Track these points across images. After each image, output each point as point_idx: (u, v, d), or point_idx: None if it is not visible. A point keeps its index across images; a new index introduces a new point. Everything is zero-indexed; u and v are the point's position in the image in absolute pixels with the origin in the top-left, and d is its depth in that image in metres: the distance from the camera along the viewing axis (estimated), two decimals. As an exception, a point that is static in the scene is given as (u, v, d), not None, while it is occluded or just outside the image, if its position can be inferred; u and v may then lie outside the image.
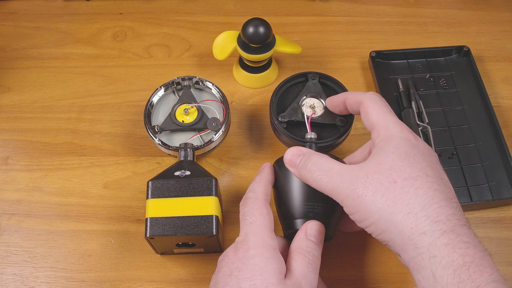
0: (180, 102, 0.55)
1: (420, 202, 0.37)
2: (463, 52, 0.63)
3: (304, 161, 0.43)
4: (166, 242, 0.47)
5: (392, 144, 0.40)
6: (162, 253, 0.50)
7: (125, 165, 0.57)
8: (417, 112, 0.58)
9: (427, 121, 0.57)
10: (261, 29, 0.55)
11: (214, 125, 0.53)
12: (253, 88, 0.62)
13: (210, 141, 0.52)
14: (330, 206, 0.44)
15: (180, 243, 0.47)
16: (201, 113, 0.54)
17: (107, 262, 0.50)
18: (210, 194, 0.46)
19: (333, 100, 0.49)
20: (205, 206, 0.46)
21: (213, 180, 0.47)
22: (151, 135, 0.52)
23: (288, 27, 0.68)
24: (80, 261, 0.51)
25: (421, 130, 0.56)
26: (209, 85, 0.56)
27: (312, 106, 0.52)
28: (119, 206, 0.54)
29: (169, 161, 0.57)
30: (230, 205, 0.54)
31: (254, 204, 0.43)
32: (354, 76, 0.64)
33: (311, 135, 0.49)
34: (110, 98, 0.62)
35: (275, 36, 0.59)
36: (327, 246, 0.50)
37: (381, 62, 0.63)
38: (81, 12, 0.70)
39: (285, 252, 0.42)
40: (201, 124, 0.54)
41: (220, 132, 0.52)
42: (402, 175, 0.38)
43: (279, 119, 0.51)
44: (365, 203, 0.38)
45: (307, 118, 0.51)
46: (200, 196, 0.46)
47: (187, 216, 0.45)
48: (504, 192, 0.53)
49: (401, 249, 0.37)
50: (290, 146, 0.52)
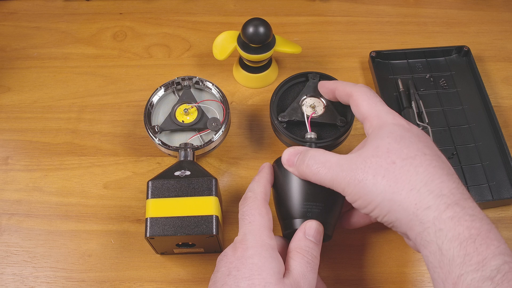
0: (180, 102, 0.55)
1: (422, 179, 0.37)
2: (463, 52, 0.63)
3: (301, 158, 0.43)
4: (166, 242, 0.47)
5: (386, 129, 0.40)
6: (162, 253, 0.50)
7: (125, 165, 0.57)
8: (417, 112, 0.58)
9: (427, 121, 0.57)
10: (261, 29, 0.55)
11: (214, 125, 0.53)
12: (253, 88, 0.62)
13: (210, 141, 0.52)
14: (328, 205, 0.44)
15: (180, 243, 0.47)
16: (201, 113, 0.54)
17: (107, 262, 0.50)
18: (210, 194, 0.46)
19: (324, 86, 0.50)
20: (205, 206, 0.46)
21: (213, 180, 0.47)
22: (151, 135, 0.52)
23: (288, 27, 0.68)
24: (80, 261, 0.51)
25: (420, 129, 0.56)
26: (209, 85, 0.56)
27: (313, 106, 0.52)
28: (119, 206, 0.54)
29: (169, 161, 0.57)
30: (230, 205, 0.54)
31: (253, 204, 0.43)
32: (354, 76, 0.64)
33: (311, 134, 0.49)
34: (110, 98, 0.62)
35: (275, 36, 0.59)
36: (327, 246, 0.50)
37: (381, 62, 0.63)
38: (81, 12, 0.70)
39: (284, 252, 0.42)
40: (201, 124, 0.54)
41: (220, 132, 0.52)
42: (400, 155, 0.38)
43: (279, 119, 0.51)
44: (366, 187, 0.38)
45: (307, 118, 0.51)
46: (200, 196, 0.46)
47: (187, 216, 0.45)
48: (504, 192, 0.53)
49: (407, 227, 0.37)
50: (290, 146, 0.52)
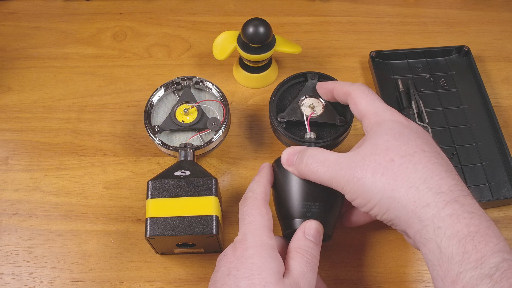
0: (180, 102, 0.55)
1: (421, 176, 0.37)
2: (463, 52, 0.63)
3: (300, 157, 0.43)
4: (166, 242, 0.47)
5: (384, 126, 0.40)
6: (162, 253, 0.50)
7: (125, 165, 0.57)
8: (417, 112, 0.58)
9: (427, 121, 0.57)
10: (261, 29, 0.55)
11: (214, 125, 0.53)
12: (253, 88, 0.62)
13: (210, 141, 0.52)
14: (328, 205, 0.44)
15: (180, 243, 0.47)
16: (201, 113, 0.54)
17: (107, 262, 0.50)
18: (210, 194, 0.46)
19: (322, 87, 0.49)
20: (205, 206, 0.46)
21: (213, 180, 0.47)
22: (151, 135, 0.52)
23: (288, 27, 0.68)
24: (80, 261, 0.51)
25: (419, 125, 0.56)
26: (209, 85, 0.56)
27: (312, 106, 0.52)
28: (119, 206, 0.54)
29: (169, 161, 0.57)
30: (230, 205, 0.54)
31: (253, 204, 0.43)
32: (354, 76, 0.64)
33: (310, 134, 0.49)
34: (110, 98, 0.62)
35: (275, 36, 0.59)
36: (327, 246, 0.50)
37: (381, 62, 0.63)
38: (81, 12, 0.70)
39: (284, 252, 0.42)
40: (201, 124, 0.54)
41: (220, 132, 0.52)
42: (399, 153, 0.38)
43: (278, 119, 0.51)
44: (365, 185, 0.38)
45: (307, 118, 0.51)
46: (200, 196, 0.46)
47: (187, 216, 0.45)
48: (504, 192, 0.53)
49: (406, 224, 0.37)
50: (289, 145, 0.52)
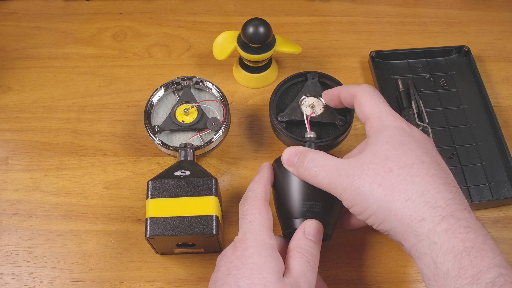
0: (180, 102, 0.55)
1: (418, 189, 0.37)
2: (463, 52, 0.63)
3: (301, 159, 0.43)
4: (166, 242, 0.47)
5: (385, 133, 0.40)
6: (162, 253, 0.50)
7: (125, 165, 0.57)
8: (417, 112, 0.58)
9: (427, 121, 0.57)
10: (261, 29, 0.55)
11: (214, 125, 0.53)
12: (253, 88, 0.62)
13: (210, 141, 0.52)
14: (328, 205, 0.44)
15: (180, 243, 0.47)
16: (201, 113, 0.54)
17: (107, 262, 0.50)
18: (210, 194, 0.46)
19: (328, 94, 0.49)
20: (205, 206, 0.46)
21: (213, 180, 0.47)
22: (151, 135, 0.52)
23: (288, 27, 0.68)
24: (80, 261, 0.51)
25: (421, 130, 0.56)
26: (209, 85, 0.56)
27: (312, 105, 0.52)
28: (119, 206, 0.54)
29: (169, 161, 0.57)
30: (230, 205, 0.54)
31: (254, 204, 0.43)
32: (354, 76, 0.64)
33: (310, 134, 0.49)
34: (110, 98, 0.62)
35: (275, 36, 0.59)
36: (327, 246, 0.50)
37: (381, 62, 0.63)
38: (81, 12, 0.70)
39: (284, 252, 0.42)
40: (201, 124, 0.54)
41: (220, 132, 0.52)
42: (398, 163, 0.38)
43: (279, 118, 0.51)
44: (362, 194, 0.38)
45: (307, 118, 0.50)
46: (200, 196, 0.46)
47: (187, 216, 0.45)
48: (504, 192, 0.53)
49: (402, 237, 0.37)
50: (290, 145, 0.52)
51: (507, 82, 0.63)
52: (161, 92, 0.56)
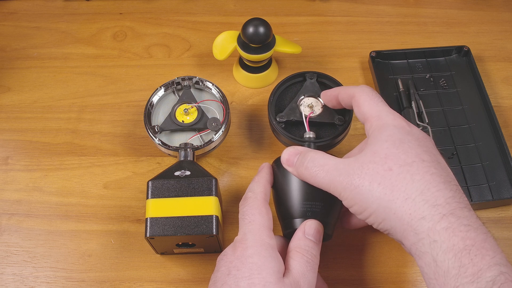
0: (180, 102, 0.55)
1: (417, 187, 0.36)
2: (463, 52, 0.63)
3: (301, 159, 0.43)
4: (166, 242, 0.47)
5: (385, 132, 0.40)
6: (162, 253, 0.50)
7: (125, 165, 0.57)
8: (417, 112, 0.58)
9: (427, 121, 0.57)
10: (261, 29, 0.55)
11: (214, 125, 0.53)
12: (253, 88, 0.62)
13: (210, 141, 0.52)
14: (328, 205, 0.44)
15: (180, 243, 0.47)
16: (201, 113, 0.54)
17: (107, 262, 0.50)
18: (210, 194, 0.46)
19: (327, 95, 0.49)
20: (205, 206, 0.46)
21: (213, 180, 0.47)
22: (151, 135, 0.52)
23: (288, 27, 0.68)
24: (80, 261, 0.51)
25: (421, 130, 0.56)
26: (209, 85, 0.56)
27: (311, 106, 0.52)
28: (119, 206, 0.54)
29: (169, 161, 0.57)
30: (230, 205, 0.54)
31: (253, 204, 0.43)
32: (354, 76, 0.64)
33: (309, 134, 0.49)
34: (110, 98, 0.62)
35: (275, 36, 0.59)
36: (327, 246, 0.50)
37: (381, 62, 0.63)
38: (81, 12, 0.70)
39: (284, 252, 0.42)
40: (201, 124, 0.54)
41: (220, 132, 0.52)
42: (397, 162, 0.38)
43: (277, 119, 0.51)
44: (362, 193, 0.38)
45: (305, 118, 0.51)
46: (200, 196, 0.46)
47: (187, 216, 0.45)
48: (504, 192, 0.53)
49: (402, 236, 0.37)
50: (289, 145, 0.52)
51: (507, 82, 0.63)
52: (161, 92, 0.56)
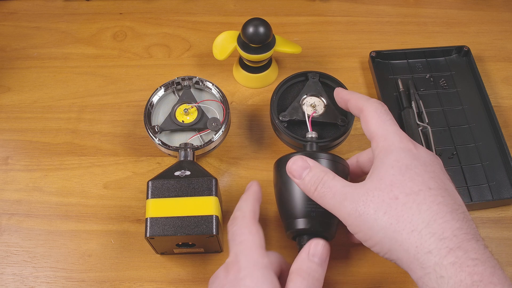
0: (180, 102, 0.55)
1: (424, 219, 0.36)
2: (463, 52, 0.63)
3: (310, 176, 0.41)
4: (166, 242, 0.47)
5: (391, 156, 0.39)
6: (162, 253, 0.50)
7: (125, 165, 0.57)
8: (417, 112, 0.58)
9: (427, 121, 0.57)
10: (261, 29, 0.55)
11: (214, 125, 0.53)
12: (253, 88, 0.62)
13: (210, 141, 0.52)
14: None
15: (180, 243, 0.47)
16: (201, 113, 0.54)
17: (107, 262, 0.50)
18: (210, 194, 0.46)
19: (339, 95, 0.47)
20: (205, 206, 0.46)
21: (213, 180, 0.47)
22: (151, 135, 0.52)
23: (288, 27, 0.68)
24: (80, 261, 0.51)
25: (421, 130, 0.56)
26: (209, 85, 0.56)
27: (313, 105, 0.52)
28: (119, 206, 0.54)
29: (169, 161, 0.57)
30: (230, 205, 0.54)
31: (243, 223, 0.41)
32: (354, 76, 0.64)
33: (312, 134, 0.49)
34: (110, 98, 0.62)
35: (275, 36, 0.59)
36: (327, 246, 0.50)
37: (381, 62, 0.63)
38: (81, 12, 0.70)
39: (279, 268, 0.42)
40: (201, 124, 0.54)
41: (220, 132, 0.52)
42: (404, 190, 0.37)
43: (280, 118, 0.51)
44: (367, 221, 0.37)
45: (308, 117, 0.50)
46: (200, 196, 0.46)
47: (187, 216, 0.45)
48: (504, 192, 0.53)
49: (408, 268, 0.36)
50: (291, 145, 0.52)
51: (507, 82, 0.63)
52: (161, 92, 0.56)
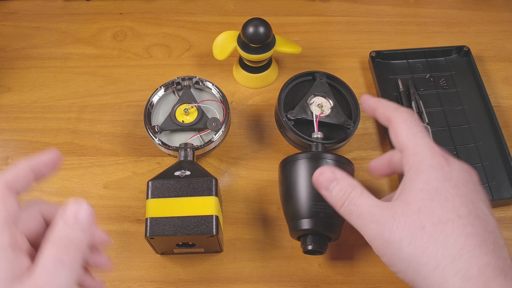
0: (180, 102, 0.55)
1: (450, 253, 0.34)
2: (463, 52, 0.63)
3: (337, 189, 0.39)
4: (166, 242, 0.47)
5: (421, 177, 0.37)
6: (162, 253, 0.50)
7: (125, 165, 0.57)
8: (417, 112, 0.58)
9: (427, 121, 0.57)
10: (261, 29, 0.55)
11: (214, 125, 0.53)
12: (253, 88, 0.62)
13: (210, 141, 0.52)
14: None
15: (180, 243, 0.47)
16: (201, 113, 0.54)
17: (107, 262, 0.50)
18: (210, 194, 0.46)
19: (366, 103, 0.44)
20: (205, 206, 0.46)
21: (213, 180, 0.47)
22: (151, 135, 0.52)
23: (288, 27, 0.68)
24: (80, 261, 0.50)
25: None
26: (209, 85, 0.56)
27: (320, 105, 0.52)
28: (119, 206, 0.54)
29: (169, 161, 0.57)
30: (230, 205, 0.54)
31: None
32: (354, 76, 0.64)
33: (318, 134, 0.49)
34: (110, 98, 0.62)
35: (275, 36, 0.59)
36: (328, 246, 0.50)
37: (381, 62, 0.63)
38: (81, 12, 0.70)
39: (35, 229, 0.35)
40: (201, 124, 0.53)
41: (220, 132, 0.52)
42: (431, 219, 0.35)
43: (288, 116, 0.51)
44: (391, 249, 0.36)
45: (316, 118, 0.50)
46: (200, 196, 0.46)
47: (187, 216, 0.45)
48: (504, 192, 0.53)
49: None
50: (296, 144, 0.52)
51: (507, 82, 0.63)
52: (161, 92, 0.56)
